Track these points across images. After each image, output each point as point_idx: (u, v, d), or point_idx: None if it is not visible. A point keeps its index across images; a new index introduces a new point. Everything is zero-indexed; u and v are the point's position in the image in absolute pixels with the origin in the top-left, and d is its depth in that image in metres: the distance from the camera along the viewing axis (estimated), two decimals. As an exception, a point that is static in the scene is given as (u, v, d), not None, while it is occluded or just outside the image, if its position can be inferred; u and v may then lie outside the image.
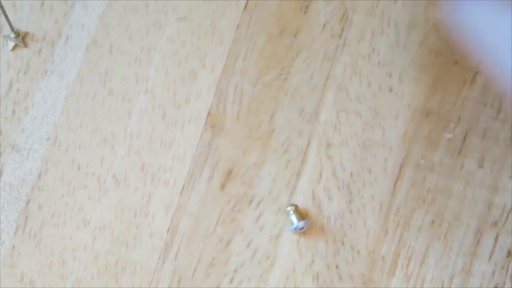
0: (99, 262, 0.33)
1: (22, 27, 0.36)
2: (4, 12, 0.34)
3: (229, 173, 0.34)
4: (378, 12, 0.36)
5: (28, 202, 0.34)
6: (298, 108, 0.35)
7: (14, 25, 0.36)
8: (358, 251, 0.33)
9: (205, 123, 0.35)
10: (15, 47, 0.36)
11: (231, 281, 0.33)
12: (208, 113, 0.35)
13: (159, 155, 0.34)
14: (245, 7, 0.36)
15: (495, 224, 0.33)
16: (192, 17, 0.36)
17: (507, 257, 0.32)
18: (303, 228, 0.32)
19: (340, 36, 0.35)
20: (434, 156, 0.34)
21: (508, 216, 0.33)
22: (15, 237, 0.34)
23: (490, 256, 0.32)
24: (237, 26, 0.36)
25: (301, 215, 0.33)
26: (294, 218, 0.32)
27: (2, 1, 0.34)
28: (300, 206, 0.33)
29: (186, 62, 0.36)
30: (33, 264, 0.33)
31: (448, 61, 0.35)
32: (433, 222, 0.33)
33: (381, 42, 0.35)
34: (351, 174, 0.34)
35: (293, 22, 0.36)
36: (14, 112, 0.35)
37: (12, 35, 0.36)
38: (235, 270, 0.33)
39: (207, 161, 0.34)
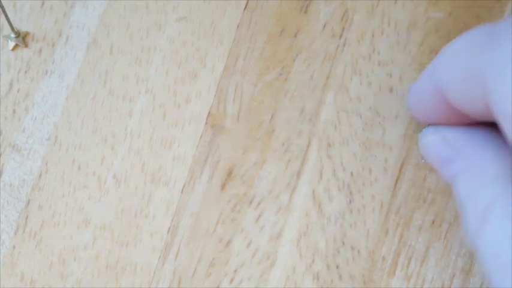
0: (99, 262, 0.33)
1: (22, 27, 0.36)
2: (4, 12, 0.34)
3: (230, 173, 0.34)
4: (378, 12, 0.36)
5: (28, 202, 0.34)
6: (298, 108, 0.35)
7: (14, 25, 0.36)
8: (358, 251, 0.33)
9: (206, 123, 0.35)
10: (15, 47, 0.36)
11: (231, 281, 0.33)
12: (209, 113, 0.35)
13: (159, 155, 0.34)
14: (245, 7, 0.36)
15: (495, 224, 0.33)
16: (192, 17, 0.36)
17: (507, 257, 0.32)
18: None
19: (341, 36, 0.35)
20: (435, 156, 0.34)
21: (508, 216, 0.33)
22: (15, 237, 0.34)
23: (490, 256, 0.32)
24: (237, 26, 0.36)
25: None
26: None
27: (2, 1, 0.34)
28: (300, 206, 0.33)
29: (186, 62, 0.36)
30: (34, 264, 0.33)
31: (448, 61, 0.35)
32: (433, 222, 0.33)
33: (381, 42, 0.35)
34: (351, 174, 0.34)
35: (293, 22, 0.36)
36: (14, 112, 0.35)
37: (13, 35, 0.36)
38: (235, 270, 0.33)
39: (207, 161, 0.34)
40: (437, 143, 0.29)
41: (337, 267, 0.33)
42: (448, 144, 0.28)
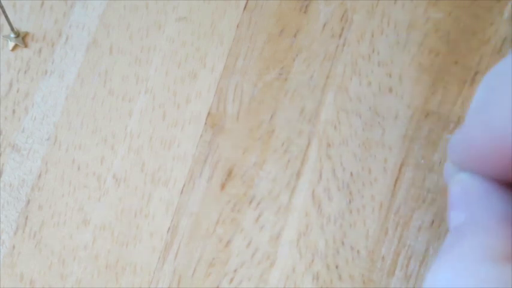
0: (99, 262, 0.33)
1: (22, 27, 0.36)
2: (4, 12, 0.34)
3: (229, 173, 0.34)
4: (378, 12, 0.36)
5: (28, 202, 0.34)
6: (298, 108, 0.35)
7: (14, 25, 0.36)
8: (358, 251, 0.33)
9: (205, 123, 0.35)
10: (15, 47, 0.36)
11: (231, 280, 0.33)
12: (208, 113, 0.35)
13: (159, 155, 0.34)
14: (245, 7, 0.36)
15: (495, 224, 0.33)
16: (192, 17, 0.36)
17: (507, 257, 0.32)
18: None
19: (340, 36, 0.35)
20: (434, 156, 0.34)
21: (507, 216, 0.33)
22: (15, 237, 0.34)
23: (490, 256, 0.32)
24: (237, 26, 0.36)
25: None
26: None
27: (2, 1, 0.34)
28: (300, 206, 0.33)
29: (186, 62, 0.36)
30: (33, 264, 0.33)
31: (448, 61, 0.35)
32: (432, 222, 0.33)
33: (381, 42, 0.35)
34: (351, 174, 0.34)
35: (293, 22, 0.36)
36: (14, 112, 0.35)
37: (12, 35, 0.36)
38: (235, 270, 0.33)
39: (207, 161, 0.34)
40: (459, 184, 0.26)
41: (337, 267, 0.33)
42: (466, 193, 0.25)
